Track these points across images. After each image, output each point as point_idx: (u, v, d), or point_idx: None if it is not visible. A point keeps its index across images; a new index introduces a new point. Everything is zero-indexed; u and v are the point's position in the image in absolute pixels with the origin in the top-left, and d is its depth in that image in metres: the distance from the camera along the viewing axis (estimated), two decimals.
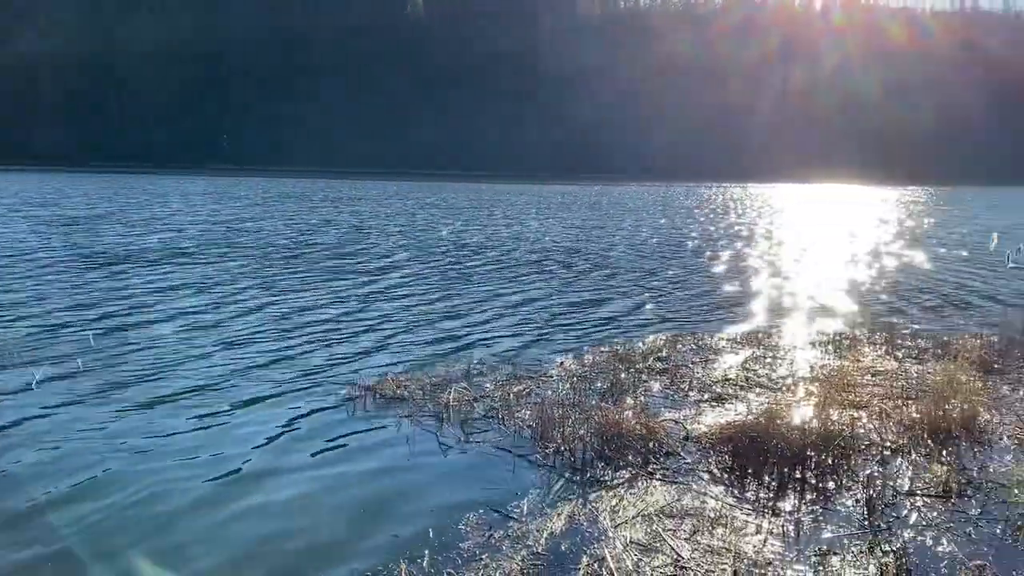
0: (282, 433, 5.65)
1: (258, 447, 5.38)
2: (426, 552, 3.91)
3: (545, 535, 4.09)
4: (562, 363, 7.64)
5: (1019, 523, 4.23)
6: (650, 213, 36.85)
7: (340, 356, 7.88)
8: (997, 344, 8.13)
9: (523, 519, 4.28)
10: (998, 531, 4.16)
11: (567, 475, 4.90)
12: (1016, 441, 5.53)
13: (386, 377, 6.83)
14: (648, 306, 11.34)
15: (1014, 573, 3.70)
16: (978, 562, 3.77)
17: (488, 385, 6.78)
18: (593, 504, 4.46)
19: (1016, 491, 4.66)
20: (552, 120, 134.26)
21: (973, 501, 4.54)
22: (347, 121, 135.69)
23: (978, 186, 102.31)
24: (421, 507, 4.44)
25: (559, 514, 4.32)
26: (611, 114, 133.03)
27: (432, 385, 6.70)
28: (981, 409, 6.03)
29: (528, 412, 5.97)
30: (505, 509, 4.40)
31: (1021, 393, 6.75)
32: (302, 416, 6.02)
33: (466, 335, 9.01)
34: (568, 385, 6.78)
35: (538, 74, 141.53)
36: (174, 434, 5.58)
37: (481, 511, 4.36)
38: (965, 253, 19.81)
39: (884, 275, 15.43)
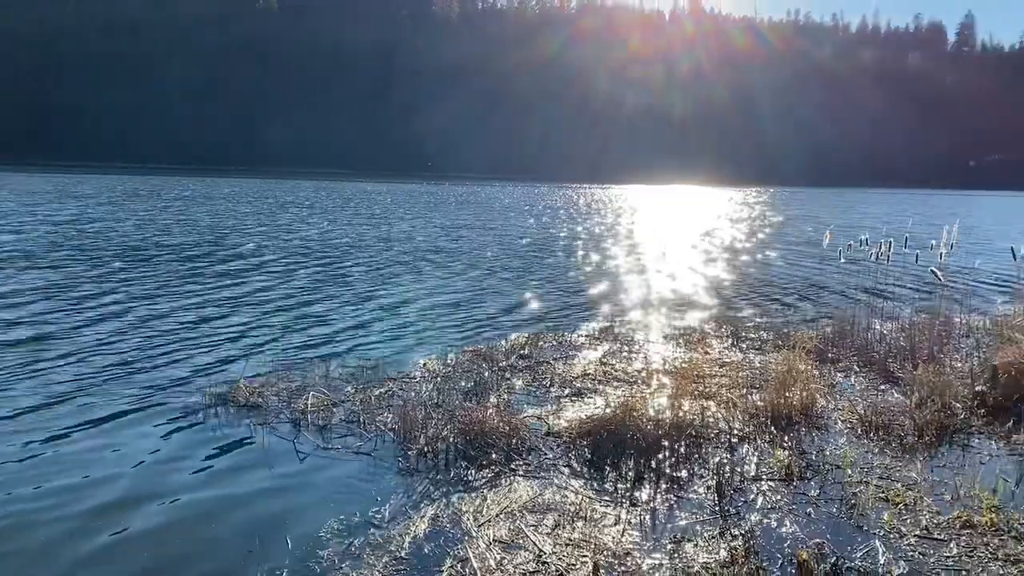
0: (129, 452, 5.30)
1: (106, 468, 5.01)
2: (285, 564, 3.76)
3: (408, 539, 4.03)
4: (425, 364, 7.58)
5: (852, 502, 4.55)
6: (514, 214, 37.29)
7: (194, 365, 7.47)
8: (831, 334, 8.72)
9: (385, 524, 4.21)
10: (834, 510, 4.46)
11: (430, 477, 4.86)
12: (848, 425, 5.96)
13: (238, 385, 6.54)
14: (513, 305, 11.45)
15: (848, 548, 3.98)
16: (817, 540, 4.02)
17: (348, 389, 6.62)
18: (456, 505, 4.44)
19: (849, 472, 5.02)
20: (409, 118, 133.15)
21: (812, 483, 4.85)
22: (192, 115, 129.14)
23: (819, 187, 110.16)
24: (278, 519, 4.28)
25: (422, 517, 4.28)
26: (470, 114, 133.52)
27: (289, 391, 6.48)
28: (818, 396, 6.46)
29: (390, 415, 5.89)
30: (366, 515, 4.31)
31: (852, 380, 7.29)
32: (148, 431, 5.66)
33: (328, 339, 8.78)
34: (431, 386, 6.73)
35: (394, 71, 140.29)
36: (19, 460, 5.11)
37: (341, 518, 4.25)
38: (803, 249, 21.25)
39: (733, 271, 16.29)
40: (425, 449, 5.25)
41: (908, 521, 4.29)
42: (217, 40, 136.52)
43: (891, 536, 4.11)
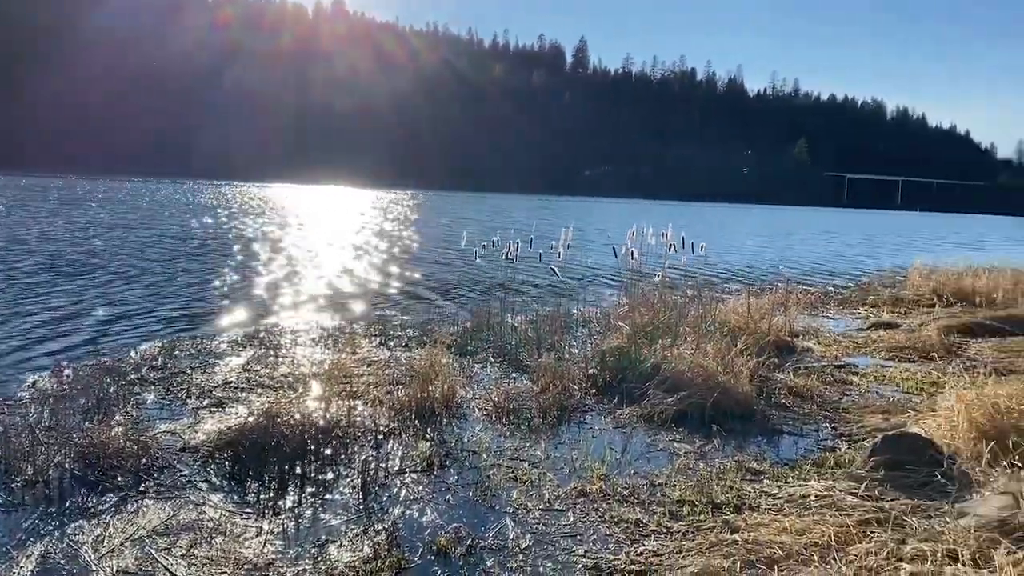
0: None
1: None
2: None
3: None
4: (36, 383, 6.65)
5: (486, 485, 4.89)
6: (151, 213, 34.27)
7: None
8: (470, 329, 9.32)
9: None
10: (471, 494, 4.75)
11: (40, 510, 4.26)
12: (484, 412, 6.41)
13: None
14: (144, 311, 10.50)
15: (482, 529, 4.27)
16: (455, 525, 4.25)
17: None
18: (73, 537, 3.95)
19: (484, 456, 5.39)
20: (51, 104, 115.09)
21: (451, 471, 5.13)
22: None
23: (469, 191, 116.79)
24: None
25: (28, 556, 3.74)
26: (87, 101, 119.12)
27: None
28: (458, 387, 6.85)
29: None
30: None
31: (489, 370, 7.86)
32: None
33: None
34: (44, 408, 5.91)
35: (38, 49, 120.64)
36: None
37: None
38: (446, 250, 22.43)
39: (381, 272, 16.65)
40: (34, 479, 4.60)
41: (534, 496, 4.72)
42: None
43: (519, 512, 4.49)
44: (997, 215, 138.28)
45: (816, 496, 4.50)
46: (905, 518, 4.09)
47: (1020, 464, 4.53)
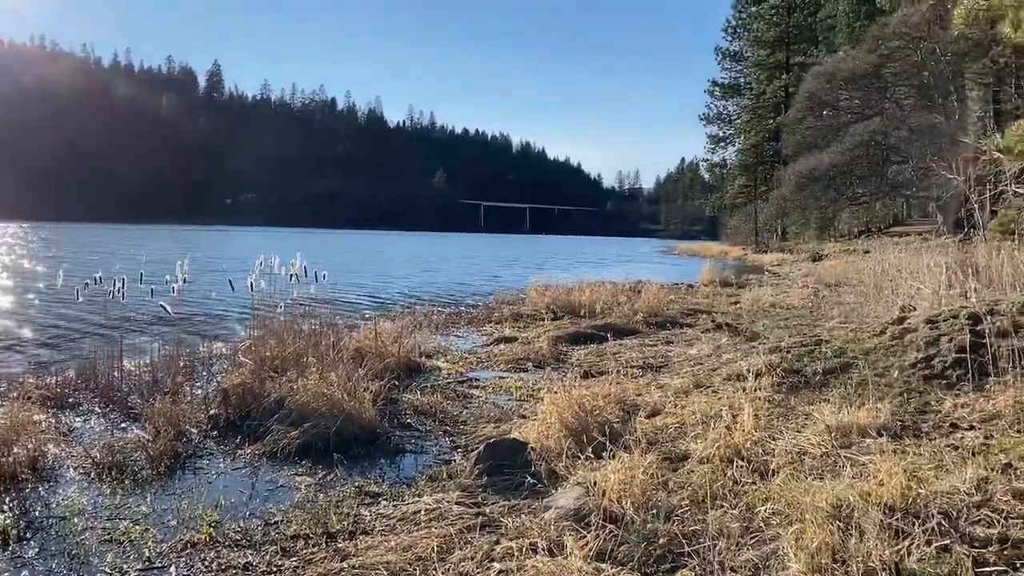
0: None
1: None
2: None
3: None
4: None
5: (75, 552, 4.35)
6: None
7: None
8: (74, 378, 8.31)
9: None
10: (54, 566, 4.19)
11: None
12: (81, 471, 5.72)
13: None
14: None
15: None
16: None
17: None
18: None
19: (76, 520, 4.80)
20: None
21: (32, 543, 4.48)
22: None
23: (106, 222, 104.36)
24: None
25: None
26: None
27: None
28: (51, 446, 6.05)
29: None
30: None
31: (93, 423, 7.06)
32: None
33: None
34: None
35: None
36: None
37: None
38: (44, 290, 19.82)
39: None
40: None
41: (132, 556, 4.30)
42: None
43: None
44: (608, 236, 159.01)
45: (427, 510, 4.69)
46: (502, 519, 4.43)
47: (594, 455, 5.15)
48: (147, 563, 4.23)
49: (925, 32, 40.87)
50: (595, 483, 4.44)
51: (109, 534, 4.60)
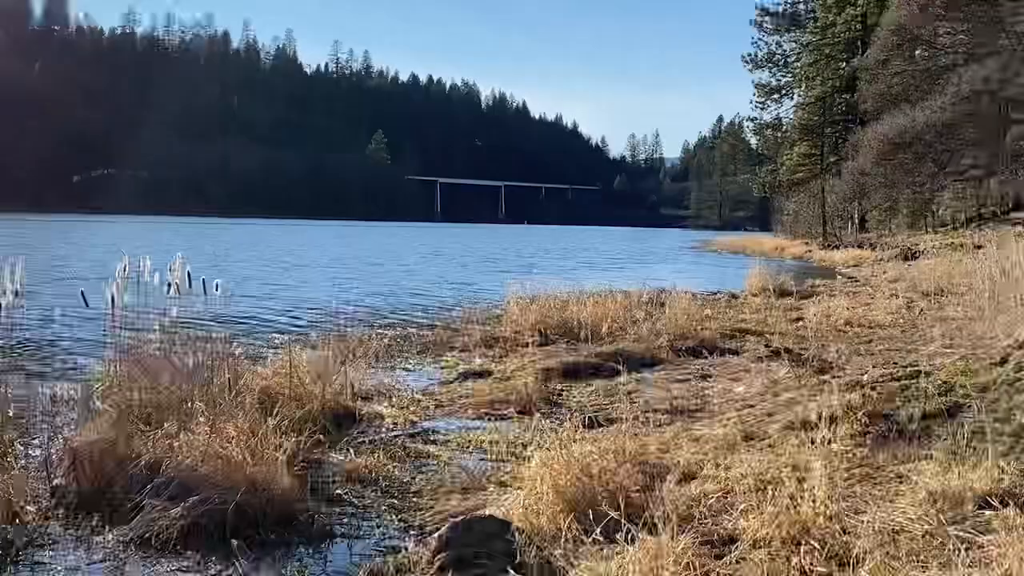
0: None
1: None
2: None
3: None
4: None
5: None
6: None
7: None
8: None
9: None
10: None
11: None
12: None
13: None
14: None
15: None
16: None
17: None
18: None
19: None
20: None
21: None
22: None
23: None
24: None
25: None
26: None
27: None
28: None
29: None
30: None
31: None
32: None
33: None
34: None
35: None
36: None
37: None
38: None
39: None
40: None
41: None
42: None
43: None
44: (616, 225, 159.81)
45: None
46: None
47: (605, 538, 5.16)
48: None
49: None
50: None
51: None
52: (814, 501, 5.50)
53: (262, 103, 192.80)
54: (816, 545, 5.01)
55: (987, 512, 5.29)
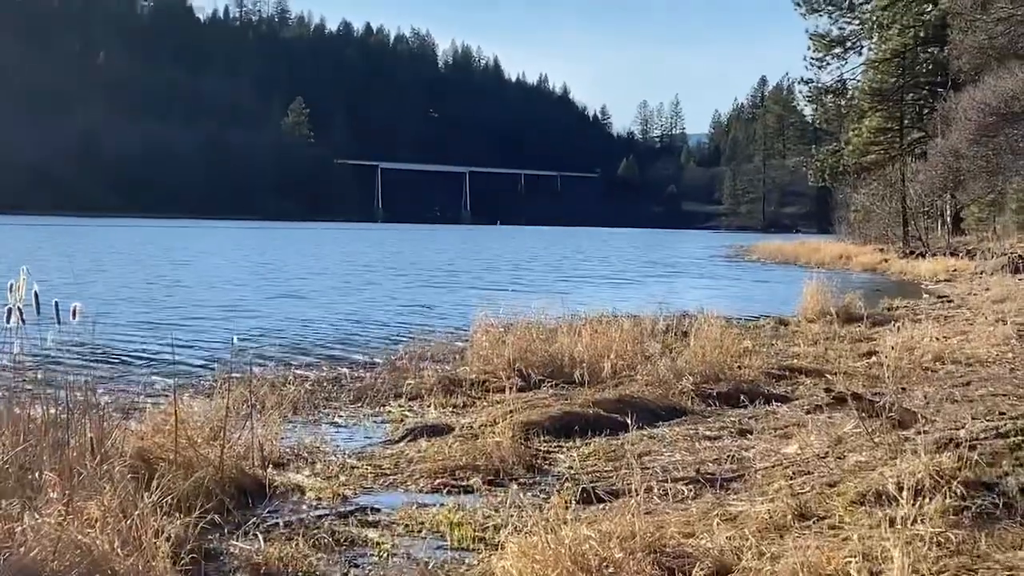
0: None
1: None
2: None
3: None
4: None
5: None
6: None
7: None
8: None
9: None
10: None
11: None
12: None
13: None
14: None
15: None
16: None
17: None
18: None
19: None
20: None
21: None
22: None
23: None
24: None
25: None
26: None
27: None
28: None
29: None
30: None
31: None
32: None
33: None
34: None
35: None
36: None
37: None
38: None
39: None
40: None
41: None
42: None
43: None
44: (621, 227, 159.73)
45: None
46: None
47: None
48: None
49: None
50: None
51: None
52: None
53: (137, 60, 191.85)
54: None
55: None
